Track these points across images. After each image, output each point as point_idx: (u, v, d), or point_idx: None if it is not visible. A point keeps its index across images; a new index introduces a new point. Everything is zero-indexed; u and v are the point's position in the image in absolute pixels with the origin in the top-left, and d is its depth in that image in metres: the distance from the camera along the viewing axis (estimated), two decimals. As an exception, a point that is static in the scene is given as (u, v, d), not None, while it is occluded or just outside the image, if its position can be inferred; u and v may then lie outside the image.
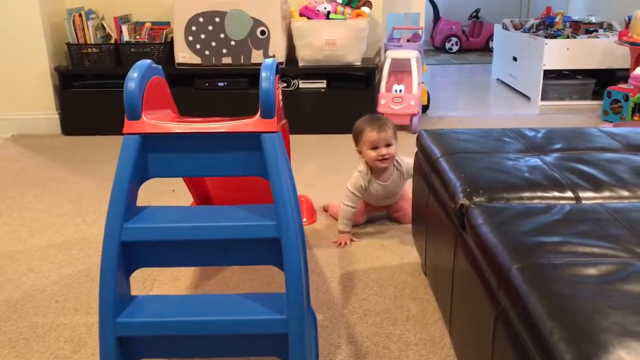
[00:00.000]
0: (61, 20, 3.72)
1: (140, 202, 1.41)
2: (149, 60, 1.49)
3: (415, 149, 1.96)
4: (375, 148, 2.20)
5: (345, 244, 2.20)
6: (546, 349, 0.90)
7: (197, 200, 2.14)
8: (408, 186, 2.23)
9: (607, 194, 1.44)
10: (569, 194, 1.43)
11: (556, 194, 1.43)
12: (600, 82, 4.38)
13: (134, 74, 1.39)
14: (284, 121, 1.63)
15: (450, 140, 1.78)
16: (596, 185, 1.47)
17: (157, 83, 1.54)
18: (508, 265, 1.10)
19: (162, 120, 1.43)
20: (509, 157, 1.65)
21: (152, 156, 1.41)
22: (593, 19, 4.82)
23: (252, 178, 1.48)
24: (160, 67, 1.58)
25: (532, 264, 1.08)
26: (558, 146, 1.74)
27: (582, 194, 1.43)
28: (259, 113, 1.39)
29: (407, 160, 2.29)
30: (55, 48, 3.79)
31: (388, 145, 2.20)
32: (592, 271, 1.04)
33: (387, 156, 2.20)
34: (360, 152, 2.27)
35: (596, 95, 4.37)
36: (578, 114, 4.15)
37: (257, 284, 1.96)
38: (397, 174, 2.29)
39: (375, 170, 2.26)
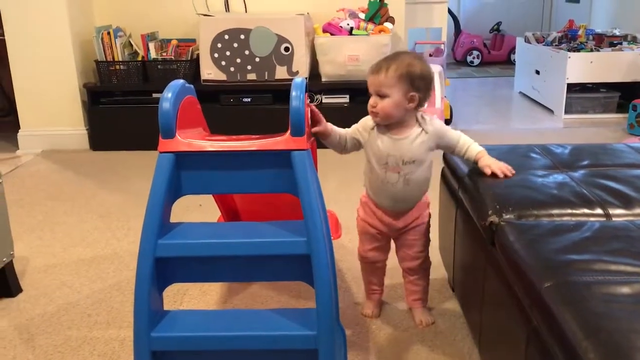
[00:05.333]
0: (90, 39, 3.81)
1: (168, 217, 1.44)
2: (182, 81, 1.53)
3: (439, 163, 1.98)
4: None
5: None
6: (581, 368, 0.90)
7: (225, 215, 2.17)
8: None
9: (637, 210, 1.43)
10: (599, 210, 1.43)
11: (586, 210, 1.43)
12: (625, 95, 4.35)
13: (168, 94, 1.43)
14: (313, 139, 1.65)
15: (478, 156, 1.79)
16: (626, 201, 1.46)
17: (190, 102, 1.58)
18: (540, 283, 1.11)
19: (194, 139, 1.46)
20: (536, 173, 1.65)
21: (186, 174, 1.44)
22: (617, 32, 4.80)
23: (279, 194, 1.51)
24: (192, 86, 1.62)
25: (565, 282, 1.09)
26: (585, 162, 1.74)
27: (612, 211, 1.43)
28: (289, 131, 1.42)
29: (439, 122, 1.72)
30: (84, 65, 3.88)
31: (380, 95, 1.61)
32: (625, 290, 1.05)
33: (374, 110, 1.62)
34: None
35: (621, 108, 4.34)
36: (603, 127, 4.12)
37: (284, 299, 1.98)
38: (421, 133, 1.65)
39: (389, 124, 1.66)
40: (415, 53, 1.76)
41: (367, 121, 1.69)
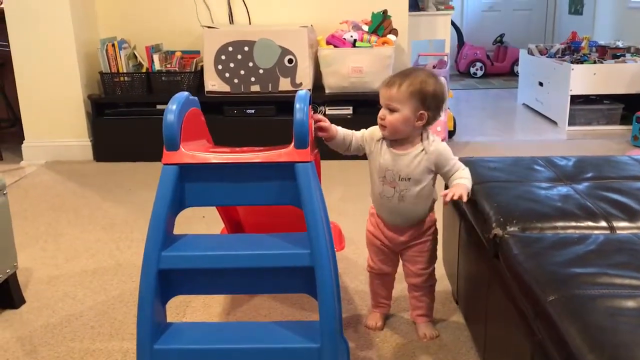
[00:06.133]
0: (95, 50, 3.83)
1: (172, 228, 1.44)
2: (186, 93, 1.54)
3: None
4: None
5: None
6: (586, 383, 0.89)
7: (228, 227, 2.17)
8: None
9: (642, 223, 1.43)
10: (603, 223, 1.43)
11: (590, 223, 1.43)
12: (628, 106, 4.35)
13: (172, 106, 1.44)
14: (317, 150, 1.66)
15: (481, 168, 1.79)
16: (630, 214, 1.46)
17: (194, 114, 1.59)
18: (544, 297, 1.10)
19: (198, 151, 1.47)
20: (540, 185, 1.65)
21: (190, 186, 1.45)
22: (620, 44, 4.81)
23: (283, 205, 1.51)
24: (196, 98, 1.63)
25: (569, 295, 1.08)
26: (589, 175, 1.74)
27: (616, 224, 1.43)
28: (292, 143, 1.42)
29: (443, 146, 1.65)
30: (89, 77, 3.90)
31: (390, 108, 1.60)
32: (630, 303, 1.04)
33: (382, 123, 1.62)
34: None
35: (624, 120, 4.34)
36: (606, 139, 4.12)
37: (288, 311, 1.97)
38: (420, 153, 1.63)
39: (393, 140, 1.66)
40: (432, 71, 1.75)
41: (376, 132, 1.69)
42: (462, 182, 1.61)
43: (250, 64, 3.65)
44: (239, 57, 3.64)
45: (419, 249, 1.74)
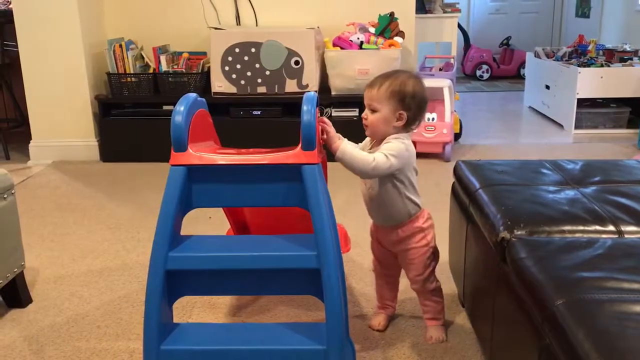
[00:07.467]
0: (102, 51, 3.84)
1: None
2: (194, 94, 1.54)
3: (449, 178, 1.97)
4: None
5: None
6: (595, 387, 0.89)
7: (234, 228, 2.17)
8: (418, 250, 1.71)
9: (650, 228, 1.42)
10: (611, 227, 1.43)
11: (598, 227, 1.43)
12: (635, 110, 4.34)
13: (180, 108, 1.45)
14: (324, 152, 1.66)
15: (488, 171, 1.79)
16: (638, 218, 1.45)
17: (202, 115, 1.59)
18: (552, 301, 1.10)
19: (206, 152, 1.47)
20: (548, 189, 1.65)
21: (197, 187, 1.45)
22: (627, 47, 4.79)
23: (289, 207, 1.51)
24: (204, 100, 1.63)
25: (577, 299, 1.08)
26: (597, 178, 1.73)
27: (624, 228, 1.42)
28: (300, 145, 1.42)
29: (393, 144, 1.61)
30: (96, 77, 3.91)
31: (371, 108, 1.63)
32: (638, 308, 1.04)
33: (365, 123, 1.66)
34: None
35: (631, 123, 4.33)
36: (613, 142, 4.11)
37: (294, 312, 1.97)
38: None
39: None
40: (414, 73, 1.77)
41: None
42: (346, 142, 1.58)
43: (257, 66, 3.66)
44: (246, 58, 3.65)
45: (408, 256, 1.74)
